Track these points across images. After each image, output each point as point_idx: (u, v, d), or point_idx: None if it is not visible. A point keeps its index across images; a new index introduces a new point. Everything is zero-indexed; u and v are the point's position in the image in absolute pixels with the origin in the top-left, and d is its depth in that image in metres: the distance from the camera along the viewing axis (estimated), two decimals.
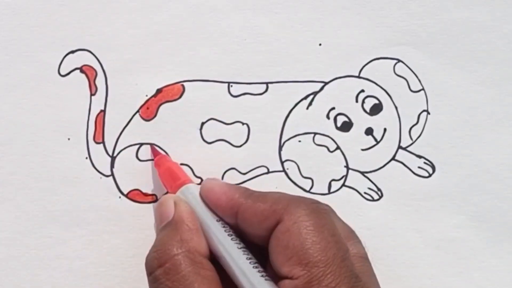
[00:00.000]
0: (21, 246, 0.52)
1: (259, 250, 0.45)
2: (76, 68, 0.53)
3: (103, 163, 0.52)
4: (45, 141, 0.52)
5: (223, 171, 0.52)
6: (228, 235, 0.45)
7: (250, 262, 0.43)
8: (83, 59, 0.52)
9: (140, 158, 0.52)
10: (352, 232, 0.45)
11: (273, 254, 0.43)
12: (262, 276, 0.42)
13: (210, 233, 0.45)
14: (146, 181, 0.52)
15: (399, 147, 0.52)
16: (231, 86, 0.53)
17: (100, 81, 0.52)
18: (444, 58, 0.53)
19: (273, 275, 0.43)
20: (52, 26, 0.53)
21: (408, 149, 0.52)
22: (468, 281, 0.52)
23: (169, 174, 0.50)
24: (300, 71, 0.53)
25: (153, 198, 0.52)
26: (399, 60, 0.53)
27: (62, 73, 0.52)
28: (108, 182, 0.52)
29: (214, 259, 0.45)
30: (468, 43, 0.53)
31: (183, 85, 0.53)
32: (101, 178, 0.52)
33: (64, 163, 0.52)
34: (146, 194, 0.52)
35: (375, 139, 0.52)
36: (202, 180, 0.52)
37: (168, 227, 0.45)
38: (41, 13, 0.53)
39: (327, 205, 0.45)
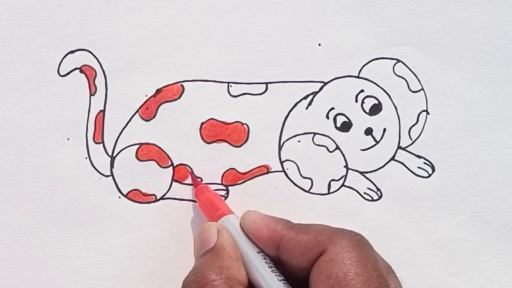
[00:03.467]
0: (21, 246, 0.52)
1: (296, 285, 0.45)
2: (75, 68, 0.53)
3: (103, 163, 0.52)
4: (45, 141, 0.52)
5: (223, 171, 0.52)
6: (269, 266, 0.45)
7: None
8: (83, 59, 0.52)
9: (141, 158, 0.52)
10: (389, 267, 0.46)
11: (314, 283, 0.43)
12: None
13: (250, 264, 0.46)
14: (145, 181, 0.52)
15: (399, 147, 0.52)
16: (231, 86, 0.53)
17: (99, 81, 0.52)
18: (444, 58, 0.53)
19: None
20: (52, 26, 0.53)
21: (407, 149, 0.52)
22: (468, 281, 0.52)
23: (209, 204, 0.50)
24: (299, 71, 0.53)
25: (153, 198, 0.52)
26: (398, 60, 0.53)
27: (62, 73, 0.53)
28: (107, 182, 0.52)
29: None
30: (468, 43, 0.53)
31: (182, 85, 0.53)
32: (100, 178, 0.52)
33: (64, 163, 0.52)
34: (145, 194, 0.52)
35: (375, 139, 0.52)
36: (202, 180, 0.52)
37: (209, 253, 0.46)
38: (41, 13, 0.53)
39: (366, 239, 0.45)
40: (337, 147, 0.52)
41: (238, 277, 0.44)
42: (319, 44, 0.53)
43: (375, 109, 0.52)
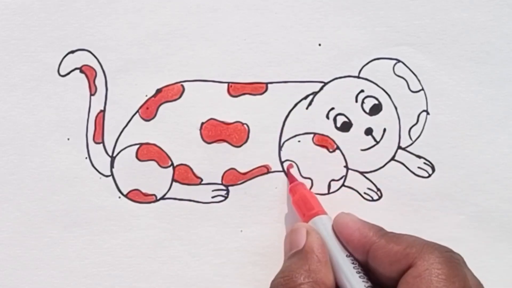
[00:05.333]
0: (21, 246, 0.52)
1: None
2: (76, 68, 0.53)
3: (103, 163, 0.52)
4: (45, 141, 0.52)
5: (223, 171, 0.52)
6: (357, 272, 0.45)
7: None
8: (83, 59, 0.52)
9: (141, 158, 0.52)
10: (480, 285, 0.45)
11: None
12: None
13: (338, 268, 0.46)
14: (145, 181, 0.52)
15: (399, 147, 0.52)
16: (231, 86, 0.53)
17: (99, 81, 0.52)
18: (443, 58, 0.53)
19: None
20: (52, 26, 0.53)
21: (407, 149, 0.52)
22: None
23: (302, 202, 0.50)
24: (299, 71, 0.53)
25: (153, 198, 0.52)
26: (398, 60, 0.53)
27: (62, 73, 0.53)
28: (107, 182, 0.52)
29: None
30: (468, 43, 0.53)
31: (182, 85, 0.53)
32: (100, 178, 0.52)
33: (64, 163, 0.52)
34: (145, 194, 0.52)
35: (375, 139, 0.52)
36: (202, 180, 0.52)
37: (297, 255, 0.46)
38: (41, 13, 0.53)
39: (459, 255, 0.45)
40: (337, 147, 0.52)
41: (326, 281, 0.44)
42: (319, 44, 0.53)
43: (375, 109, 0.52)
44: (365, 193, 0.52)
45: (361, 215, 0.52)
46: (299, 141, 0.52)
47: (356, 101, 0.52)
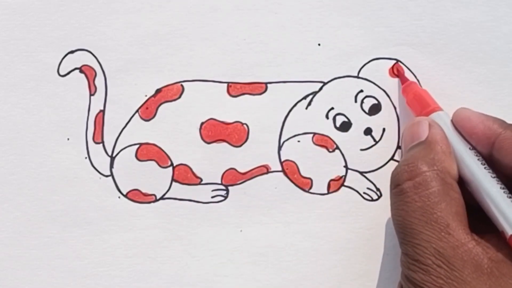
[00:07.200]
0: (21, 246, 0.52)
1: (507, 185, 0.45)
2: (75, 68, 0.53)
3: (103, 163, 0.52)
4: (45, 141, 0.52)
5: (223, 171, 0.52)
6: (482, 163, 0.45)
7: (503, 192, 0.44)
8: (83, 59, 0.53)
9: (140, 158, 0.52)
10: None
11: None
12: None
13: (462, 160, 0.46)
14: (145, 181, 0.52)
15: (398, 147, 0.52)
16: (230, 86, 0.53)
17: (99, 81, 0.52)
18: (443, 58, 0.53)
19: None
20: (52, 26, 0.53)
21: None
22: None
23: (418, 100, 0.50)
24: (299, 71, 0.53)
25: (153, 198, 0.52)
26: (398, 60, 0.53)
27: (62, 73, 0.53)
28: (107, 182, 0.52)
29: (461, 185, 0.45)
30: (468, 43, 0.53)
31: (182, 85, 0.53)
32: (100, 178, 0.52)
33: (63, 163, 0.52)
34: (145, 194, 0.52)
35: (374, 139, 0.52)
36: (201, 180, 0.52)
37: (420, 146, 0.46)
38: (41, 13, 0.53)
39: None
40: (337, 147, 0.52)
41: (450, 171, 0.44)
42: (319, 44, 0.53)
43: (375, 109, 0.52)
44: (364, 193, 0.52)
45: (361, 215, 0.52)
46: (298, 141, 0.52)
47: (356, 101, 0.52)
